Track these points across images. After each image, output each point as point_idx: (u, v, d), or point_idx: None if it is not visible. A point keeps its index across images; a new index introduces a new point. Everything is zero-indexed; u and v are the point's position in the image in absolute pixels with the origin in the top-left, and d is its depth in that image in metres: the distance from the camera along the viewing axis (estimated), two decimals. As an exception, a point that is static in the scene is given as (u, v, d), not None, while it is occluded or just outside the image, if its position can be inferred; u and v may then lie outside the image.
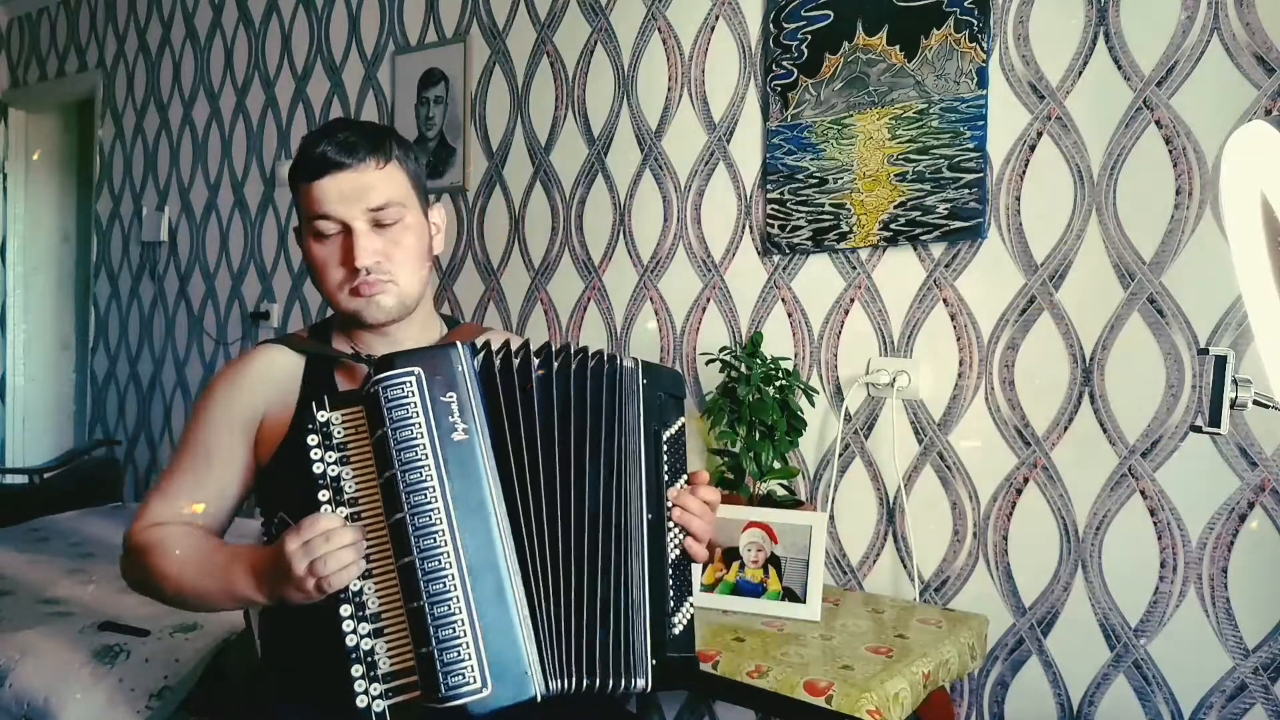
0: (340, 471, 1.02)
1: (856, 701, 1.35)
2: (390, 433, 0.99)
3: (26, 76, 4.36)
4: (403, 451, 0.99)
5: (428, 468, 0.99)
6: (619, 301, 2.34)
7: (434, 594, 0.97)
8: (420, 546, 0.98)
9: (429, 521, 0.98)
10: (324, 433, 1.02)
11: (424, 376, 1.02)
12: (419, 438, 1.00)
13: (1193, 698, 1.59)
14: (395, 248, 1.19)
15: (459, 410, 1.02)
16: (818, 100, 1.98)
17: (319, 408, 1.03)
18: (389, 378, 1.01)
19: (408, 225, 1.20)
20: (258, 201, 3.29)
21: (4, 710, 1.81)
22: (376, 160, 1.17)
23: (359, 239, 1.17)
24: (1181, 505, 1.61)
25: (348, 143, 1.16)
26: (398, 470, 0.99)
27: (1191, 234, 1.60)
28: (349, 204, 1.16)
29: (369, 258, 1.17)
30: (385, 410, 1.00)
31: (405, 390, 1.01)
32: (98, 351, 3.98)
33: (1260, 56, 1.54)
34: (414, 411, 1.00)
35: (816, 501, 1.99)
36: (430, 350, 1.06)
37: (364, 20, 2.94)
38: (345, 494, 1.01)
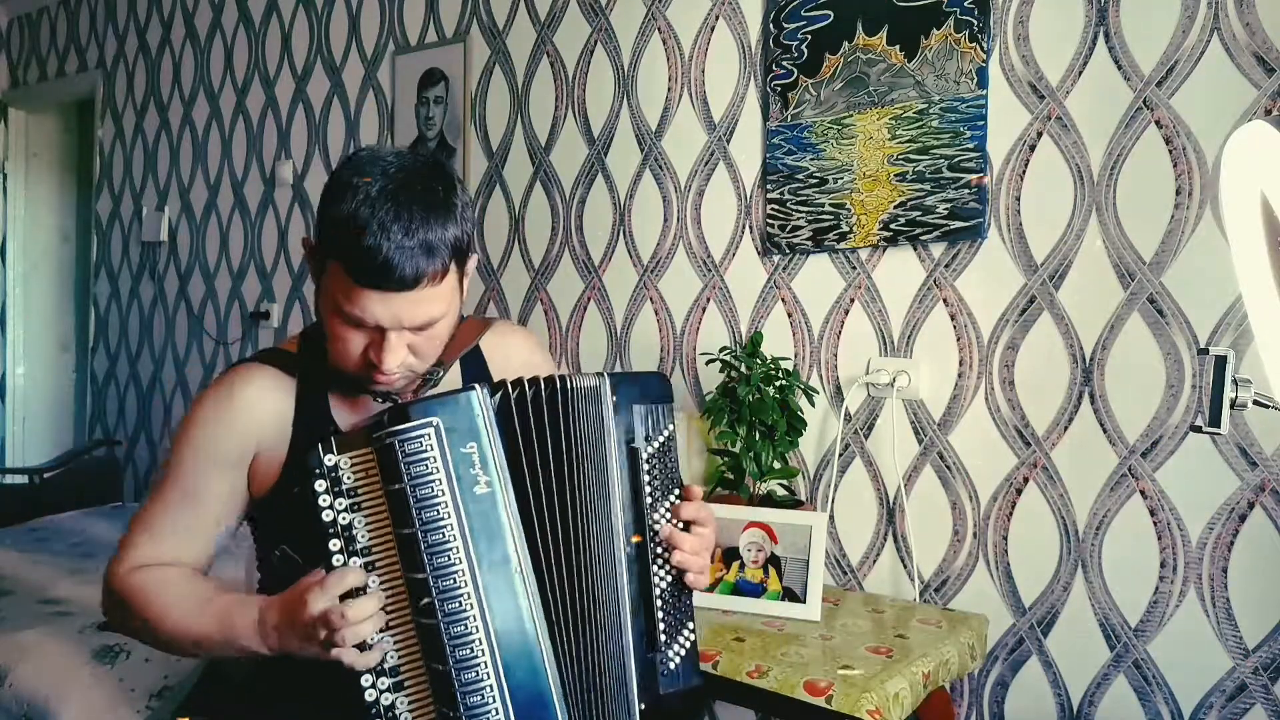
0: (352, 520, 0.96)
1: (856, 701, 1.35)
2: (409, 490, 0.94)
3: (26, 76, 4.36)
4: (423, 510, 0.94)
5: (450, 527, 0.95)
6: (619, 301, 2.34)
7: (460, 660, 0.94)
8: (445, 611, 0.94)
9: (453, 585, 0.94)
10: (332, 478, 0.97)
11: (443, 428, 0.96)
12: (440, 496, 0.95)
13: (1193, 698, 1.59)
14: (426, 343, 1.09)
15: (479, 462, 0.97)
16: (818, 100, 1.98)
17: (325, 450, 0.97)
18: (406, 432, 0.94)
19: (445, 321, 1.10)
20: (258, 201, 3.29)
21: (4, 710, 1.81)
22: (433, 278, 1.03)
23: (389, 344, 1.05)
24: (1181, 505, 1.61)
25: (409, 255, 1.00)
26: (418, 529, 0.94)
27: (1191, 234, 1.60)
28: (391, 319, 1.04)
29: (395, 363, 1.07)
30: (403, 466, 0.94)
31: (424, 445, 0.95)
32: (98, 351, 3.98)
33: (1260, 56, 1.54)
34: (434, 467, 0.95)
35: (816, 501, 1.99)
36: (448, 398, 0.99)
37: (364, 20, 2.94)
38: (358, 544, 0.96)
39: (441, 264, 1.04)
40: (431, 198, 1.04)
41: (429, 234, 1.02)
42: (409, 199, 1.02)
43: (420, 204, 1.03)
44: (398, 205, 1.01)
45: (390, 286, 1.01)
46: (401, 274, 1.00)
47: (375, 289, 1.01)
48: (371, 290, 1.02)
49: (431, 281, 1.03)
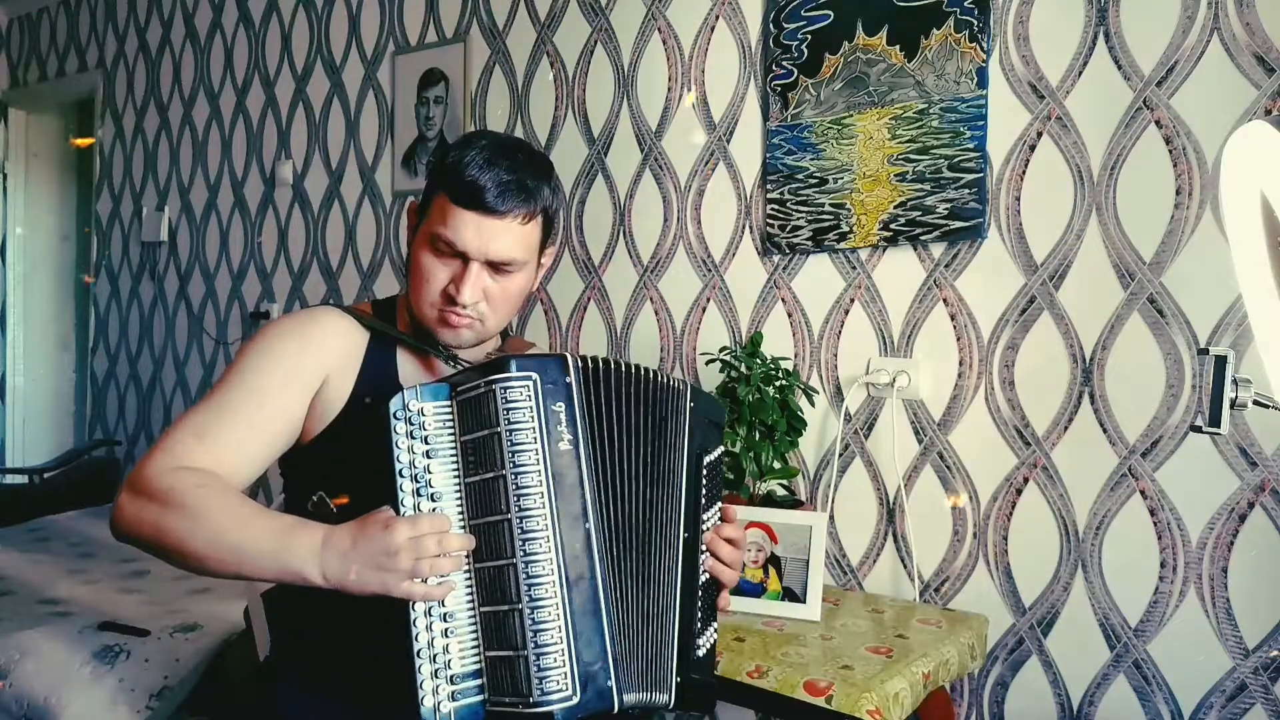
0: (427, 464, 1.00)
1: (856, 701, 1.35)
2: (504, 434, 0.99)
3: (26, 76, 4.36)
4: (516, 455, 0.99)
5: (539, 474, 0.99)
6: (619, 301, 2.34)
7: (536, 599, 0.97)
8: (526, 551, 0.97)
9: (536, 528, 0.98)
10: (414, 423, 1.00)
11: (539, 383, 1.01)
12: (532, 443, 0.99)
13: (1193, 698, 1.59)
14: (500, 292, 1.18)
15: (565, 421, 1.02)
16: (818, 100, 1.98)
17: (410, 396, 1.01)
18: (509, 379, 1.00)
19: (522, 276, 1.19)
20: (258, 201, 3.29)
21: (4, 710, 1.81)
22: (524, 215, 1.15)
23: (470, 275, 1.15)
24: (1181, 505, 1.61)
25: (506, 187, 1.13)
26: (508, 472, 0.98)
27: (1191, 234, 1.60)
28: (479, 244, 1.14)
29: (471, 296, 1.15)
30: (501, 411, 0.99)
31: (524, 394, 1.00)
32: (97, 351, 3.98)
33: (1260, 56, 1.55)
34: (530, 416, 1.00)
35: (816, 501, 1.99)
36: (543, 359, 1.05)
37: (364, 20, 2.94)
38: (431, 489, 1.00)
39: (531, 209, 1.15)
40: (533, 159, 1.18)
41: (526, 178, 1.15)
42: (514, 151, 1.17)
43: (524, 156, 1.17)
44: (505, 151, 1.16)
45: (485, 208, 1.12)
46: (495, 197, 1.12)
47: (471, 209, 1.12)
48: (467, 211, 1.13)
49: (520, 218, 1.14)
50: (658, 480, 1.10)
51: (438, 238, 1.15)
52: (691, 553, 1.12)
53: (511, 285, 1.19)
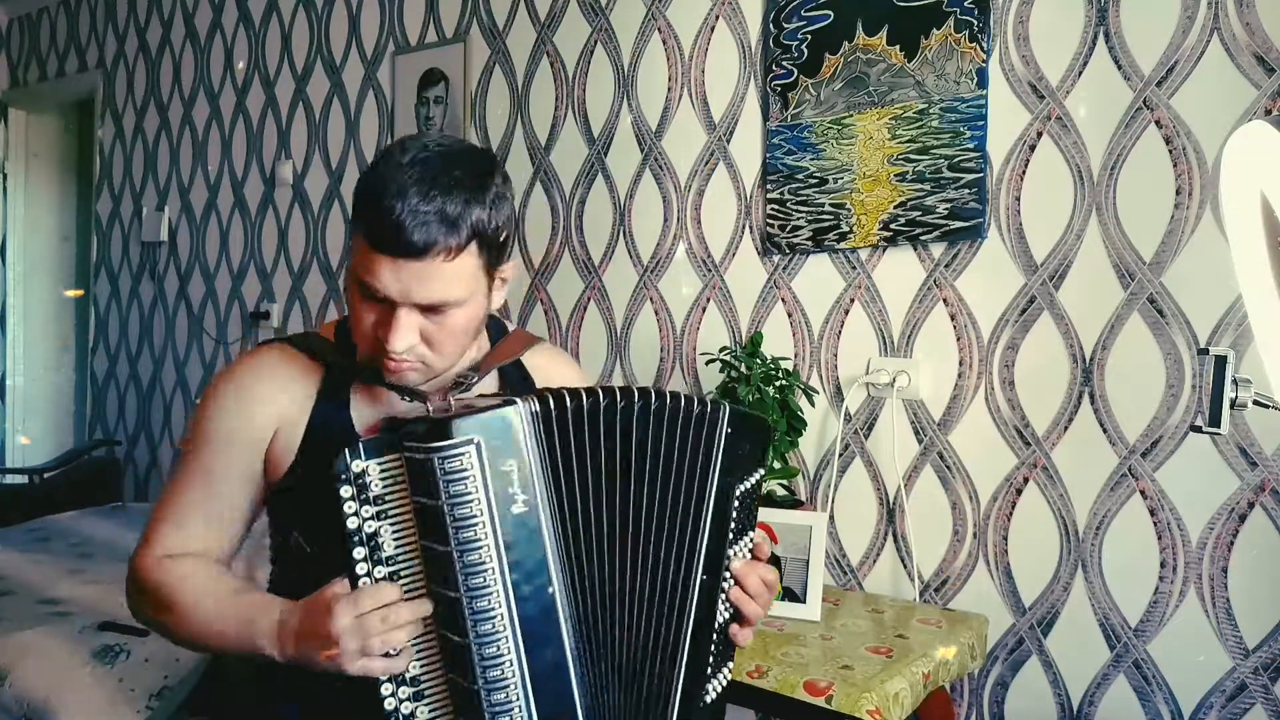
0: (378, 528, 0.94)
1: (856, 701, 1.35)
2: (446, 508, 0.92)
3: (26, 76, 4.36)
4: (460, 530, 0.92)
5: (487, 548, 0.93)
6: (619, 301, 2.34)
7: (491, 680, 0.93)
8: (478, 632, 0.92)
9: (485, 606, 0.93)
10: (359, 484, 0.94)
11: (484, 445, 0.93)
12: (478, 515, 0.92)
13: (1193, 698, 1.59)
14: (439, 332, 1.05)
15: (519, 481, 0.95)
16: (818, 100, 1.98)
17: (353, 455, 0.94)
18: (447, 449, 0.91)
19: (463, 310, 1.05)
20: (258, 201, 3.29)
21: (4, 710, 1.81)
22: (449, 250, 1.00)
23: (398, 322, 1.02)
24: (1181, 505, 1.61)
25: (422, 221, 0.98)
26: (454, 549, 0.92)
27: (1191, 234, 1.60)
28: (400, 291, 1.01)
29: (402, 344, 1.03)
30: (441, 484, 0.91)
31: (464, 462, 0.92)
32: (97, 351, 3.98)
33: (1260, 56, 1.54)
34: (474, 486, 0.92)
35: (816, 501, 1.99)
36: (490, 414, 0.95)
37: (364, 20, 2.94)
38: (384, 552, 0.94)
39: (458, 241, 1.00)
40: (462, 175, 1.02)
41: (448, 205, 0.99)
42: (436, 170, 1.00)
43: (447, 177, 1.00)
44: (423, 172, 1.00)
45: (399, 252, 0.98)
46: (410, 238, 0.97)
47: (386, 254, 0.99)
48: (383, 256, 0.99)
49: (445, 255, 0.99)
50: (666, 518, 1.04)
51: (360, 280, 1.03)
52: (709, 595, 1.06)
53: (452, 323, 1.05)
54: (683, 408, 1.05)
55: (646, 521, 1.03)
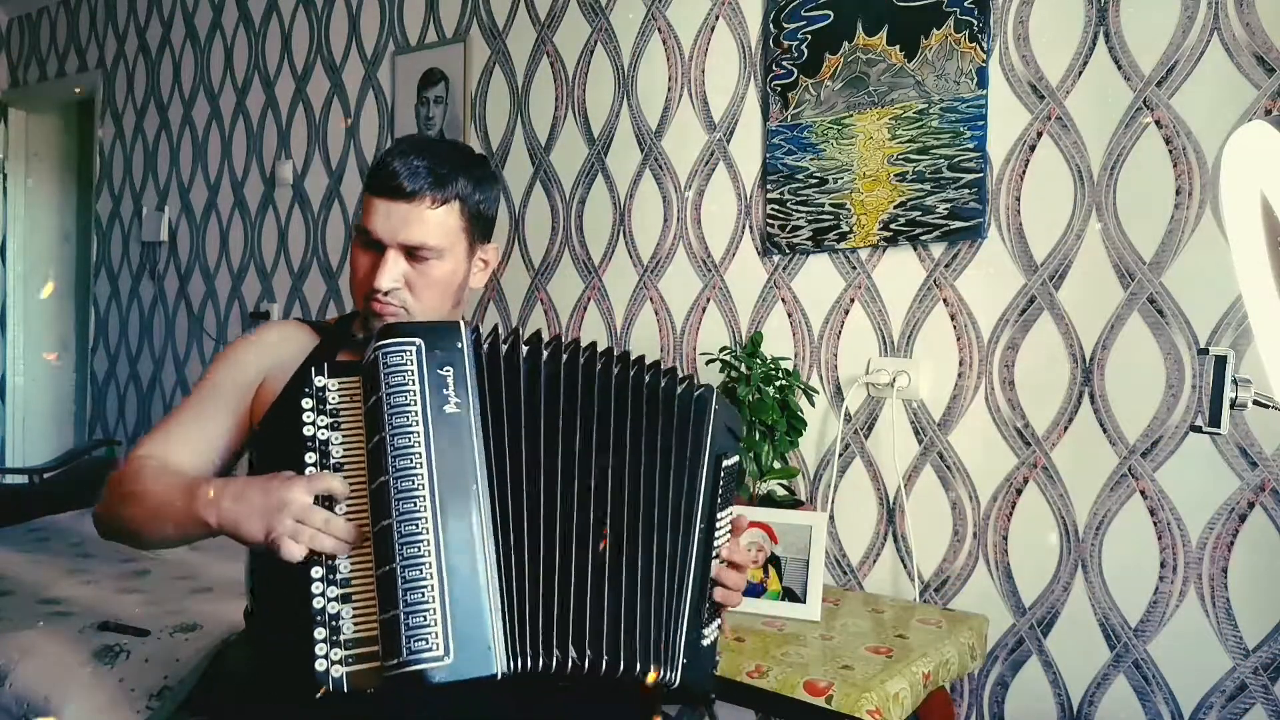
0: (330, 436, 1.03)
1: (856, 701, 1.35)
2: (384, 397, 1.00)
3: (26, 76, 4.36)
4: (394, 417, 1.00)
5: (416, 435, 1.00)
6: (619, 301, 2.34)
7: (408, 557, 0.96)
8: (399, 510, 0.97)
9: (411, 486, 0.98)
10: (318, 397, 1.03)
11: (423, 347, 1.03)
12: (412, 404, 1.00)
13: (1193, 698, 1.59)
14: (419, 279, 1.22)
15: (454, 384, 1.03)
16: (818, 100, 1.98)
17: (318, 372, 1.04)
18: (390, 344, 1.02)
19: (442, 263, 1.22)
20: (258, 201, 3.29)
21: (4, 710, 1.81)
22: (433, 198, 1.20)
23: (386, 261, 1.20)
24: (1181, 505, 1.61)
25: (413, 171, 1.18)
26: (386, 434, 0.99)
27: (1191, 234, 1.60)
28: (389, 230, 1.20)
29: (388, 283, 1.20)
30: (382, 375, 1.01)
31: (404, 358, 1.02)
32: (98, 351, 3.98)
33: (1260, 56, 1.54)
34: (410, 379, 1.01)
35: (816, 501, 1.99)
36: (434, 324, 1.09)
37: (364, 20, 2.94)
38: (331, 458, 1.02)
39: (441, 193, 1.19)
40: (457, 151, 1.24)
41: (439, 166, 1.20)
42: (436, 142, 1.25)
43: (444, 147, 1.24)
44: (424, 142, 1.24)
45: (391, 194, 1.18)
46: (401, 181, 1.18)
47: (380, 196, 1.19)
48: (377, 198, 1.20)
49: (430, 203, 1.19)
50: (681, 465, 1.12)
51: (359, 229, 1.22)
52: (706, 544, 1.14)
53: (433, 272, 1.22)
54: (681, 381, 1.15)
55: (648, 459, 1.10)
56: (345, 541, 0.99)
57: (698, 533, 1.13)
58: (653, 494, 1.10)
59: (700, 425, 1.16)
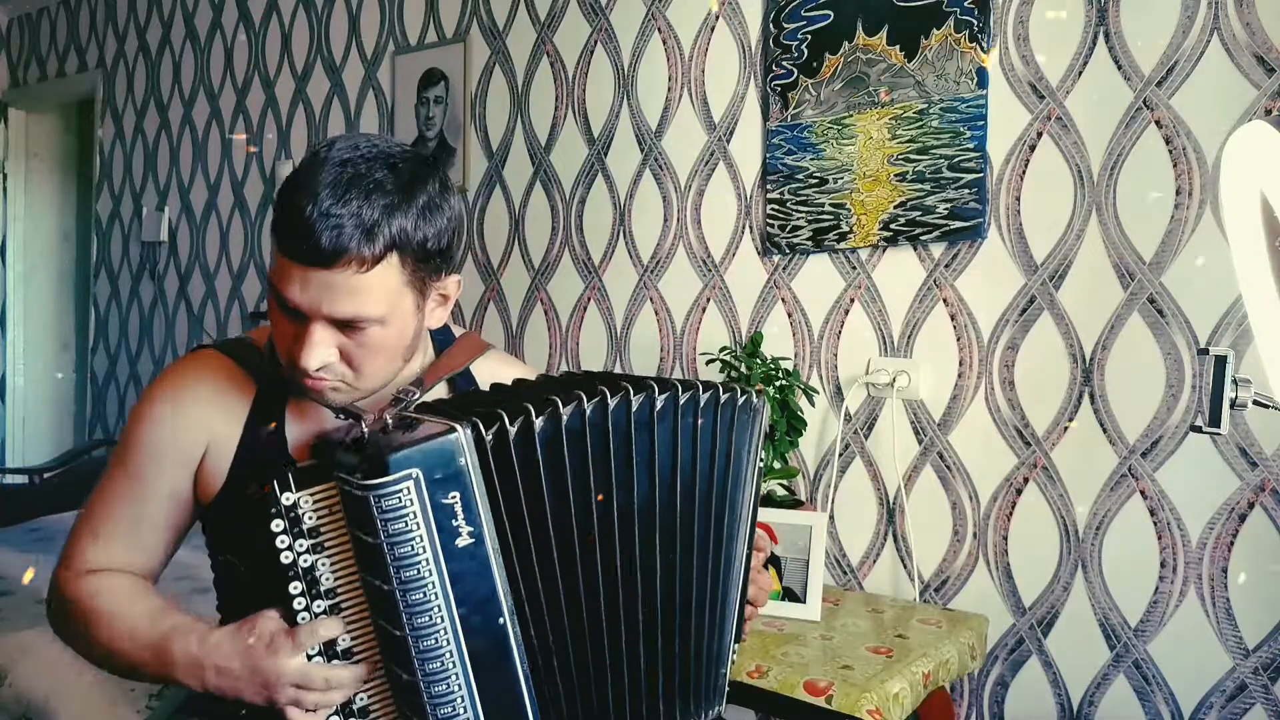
0: (314, 561, 0.90)
1: (856, 701, 1.35)
2: (386, 546, 0.86)
3: (26, 76, 4.36)
4: (402, 569, 0.87)
5: (431, 585, 0.87)
6: (619, 301, 2.34)
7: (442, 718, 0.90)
8: (425, 670, 0.88)
9: (434, 645, 0.88)
10: (291, 518, 0.90)
11: (423, 479, 0.86)
12: (420, 554, 0.87)
13: (1193, 698, 1.59)
14: (359, 350, 0.96)
15: (462, 512, 0.88)
16: (818, 100, 1.98)
17: (283, 487, 0.89)
18: (382, 485, 0.85)
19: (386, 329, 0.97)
20: (257, 201, 3.29)
21: (4, 710, 1.81)
22: (360, 263, 0.91)
23: (311, 337, 0.94)
24: (1181, 505, 1.61)
25: (333, 226, 0.89)
26: (396, 589, 0.87)
27: (1191, 234, 1.60)
28: (310, 302, 0.92)
29: (315, 362, 0.95)
30: (379, 521, 0.86)
31: (403, 500, 0.86)
32: (98, 351, 3.98)
33: (1260, 56, 1.54)
34: (414, 524, 0.86)
35: (816, 501, 1.99)
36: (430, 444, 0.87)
37: (364, 20, 2.94)
38: (321, 586, 0.91)
39: (372, 251, 0.90)
40: (387, 179, 0.92)
41: (365, 211, 0.90)
42: (358, 172, 0.92)
43: (368, 180, 0.91)
44: (340, 173, 0.91)
45: (307, 259, 0.90)
46: (317, 243, 0.89)
47: (295, 261, 0.91)
48: (291, 262, 0.91)
49: (357, 266, 0.90)
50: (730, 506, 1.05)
51: (273, 288, 0.95)
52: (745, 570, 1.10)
53: (372, 341, 0.96)
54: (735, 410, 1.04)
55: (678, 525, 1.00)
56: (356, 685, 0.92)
57: (740, 560, 1.08)
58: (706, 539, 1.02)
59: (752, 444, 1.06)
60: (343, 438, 0.95)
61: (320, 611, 0.91)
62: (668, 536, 0.98)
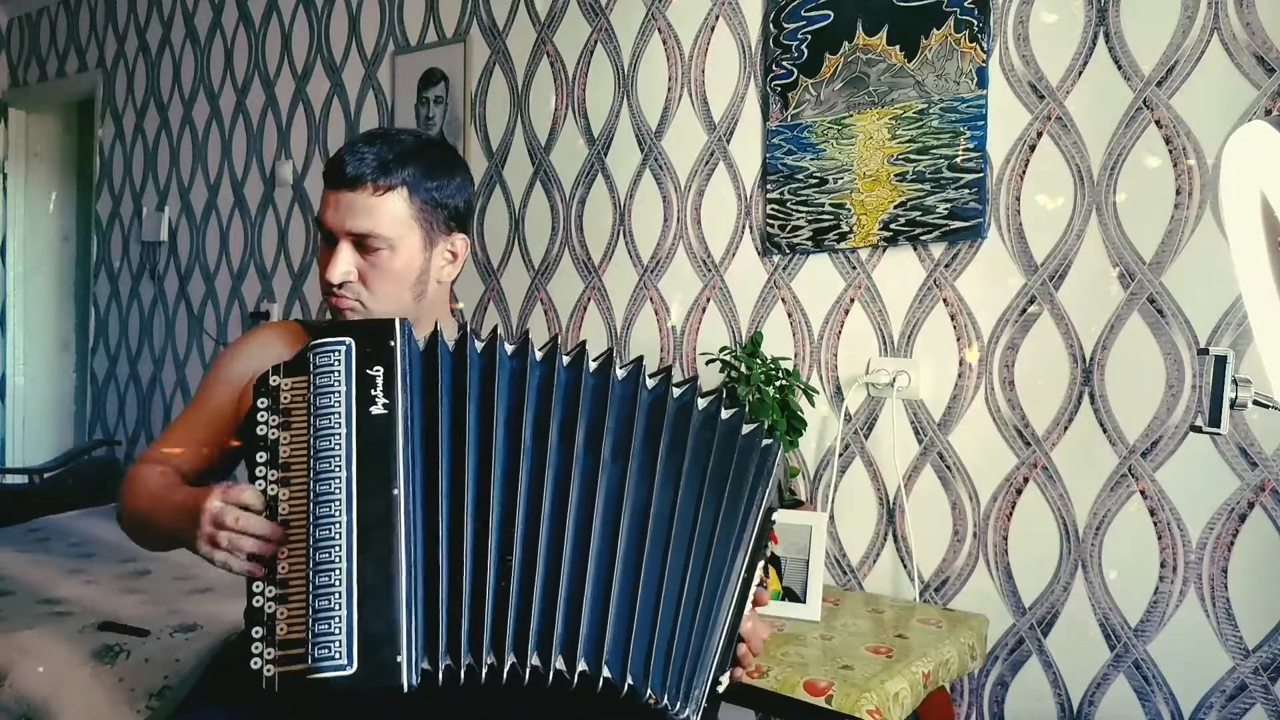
0: (279, 435, 1.01)
1: (856, 701, 1.35)
2: (313, 399, 1.00)
3: (26, 76, 4.36)
4: (319, 418, 0.99)
5: (338, 438, 0.98)
6: (619, 301, 2.34)
7: (320, 564, 0.95)
8: (316, 515, 0.97)
9: (328, 490, 0.97)
10: (273, 396, 1.03)
11: (353, 347, 1.01)
12: (335, 406, 1.00)
13: (1193, 698, 1.59)
14: (372, 270, 1.21)
15: (383, 384, 1.01)
16: (818, 100, 1.98)
17: (274, 373, 1.03)
18: (321, 345, 1.02)
19: (395, 254, 1.21)
20: (258, 201, 3.29)
21: (4, 710, 1.81)
22: (376, 185, 1.19)
23: (337, 254, 1.21)
24: (1181, 505, 1.61)
25: (360, 160, 1.19)
26: (311, 436, 0.99)
27: (1191, 234, 1.60)
28: (338, 221, 1.20)
29: (338, 275, 1.20)
30: (313, 376, 1.01)
31: (332, 359, 1.01)
32: (98, 351, 3.98)
33: (1260, 56, 1.54)
34: (336, 380, 1.00)
35: (816, 501, 1.99)
36: (371, 322, 1.10)
37: (364, 20, 2.94)
38: (279, 458, 1.01)
39: (385, 181, 1.19)
40: (413, 141, 1.23)
41: (388, 155, 1.20)
42: (390, 133, 1.24)
43: (397, 136, 1.23)
44: (382, 136, 1.23)
45: (337, 183, 1.20)
46: (343, 169, 1.19)
47: (331, 186, 1.21)
48: (329, 191, 1.21)
49: (373, 190, 1.19)
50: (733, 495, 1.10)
51: (318, 224, 1.24)
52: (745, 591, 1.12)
53: (384, 264, 1.21)
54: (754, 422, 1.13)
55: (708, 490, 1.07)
56: (264, 537, 0.98)
57: (739, 577, 1.11)
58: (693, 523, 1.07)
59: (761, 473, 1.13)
60: None
61: (274, 479, 1.01)
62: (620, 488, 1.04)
